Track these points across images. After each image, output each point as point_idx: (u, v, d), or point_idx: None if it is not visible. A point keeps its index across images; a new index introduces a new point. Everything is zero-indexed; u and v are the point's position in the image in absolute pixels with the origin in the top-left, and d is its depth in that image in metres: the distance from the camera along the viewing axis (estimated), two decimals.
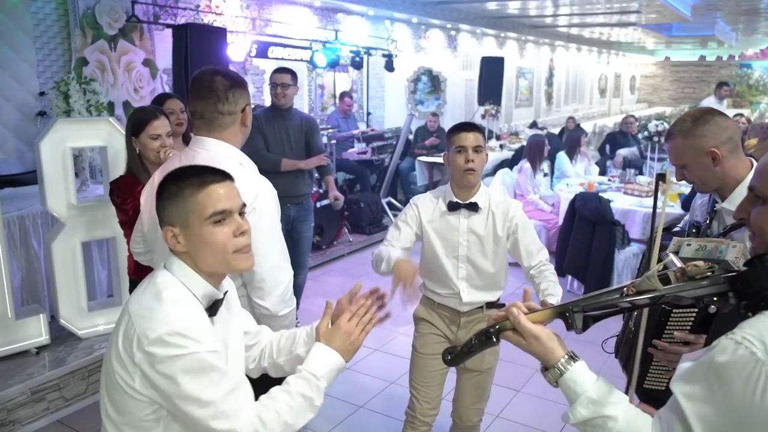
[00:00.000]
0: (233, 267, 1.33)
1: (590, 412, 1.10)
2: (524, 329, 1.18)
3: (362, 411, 3.41)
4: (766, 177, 1.07)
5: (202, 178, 1.30)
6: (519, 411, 3.39)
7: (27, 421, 3.15)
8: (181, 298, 1.27)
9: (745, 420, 0.93)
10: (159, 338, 1.19)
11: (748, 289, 1.03)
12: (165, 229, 1.30)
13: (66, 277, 3.55)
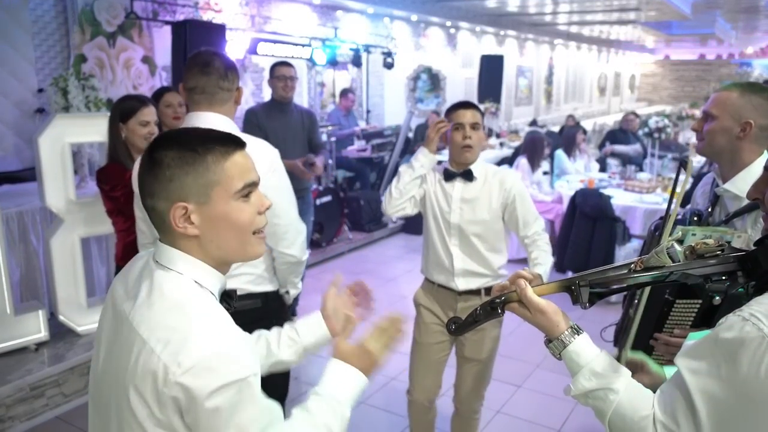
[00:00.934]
0: (248, 252, 1.12)
1: (592, 384, 1.10)
2: (530, 302, 1.17)
3: (362, 407, 3.40)
4: None
5: (226, 145, 1.07)
6: (520, 406, 3.38)
7: (26, 417, 3.13)
8: (207, 306, 1.05)
9: (749, 396, 0.92)
10: (196, 366, 0.96)
11: (758, 268, 1.03)
12: (174, 207, 1.04)
13: (65, 274, 3.54)
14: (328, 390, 1.18)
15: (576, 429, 3.16)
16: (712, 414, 0.95)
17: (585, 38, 15.16)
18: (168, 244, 1.08)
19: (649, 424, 1.02)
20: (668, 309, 1.81)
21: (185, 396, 0.96)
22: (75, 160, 4.05)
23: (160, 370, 0.96)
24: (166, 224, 1.06)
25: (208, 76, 1.97)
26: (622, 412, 1.06)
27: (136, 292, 1.06)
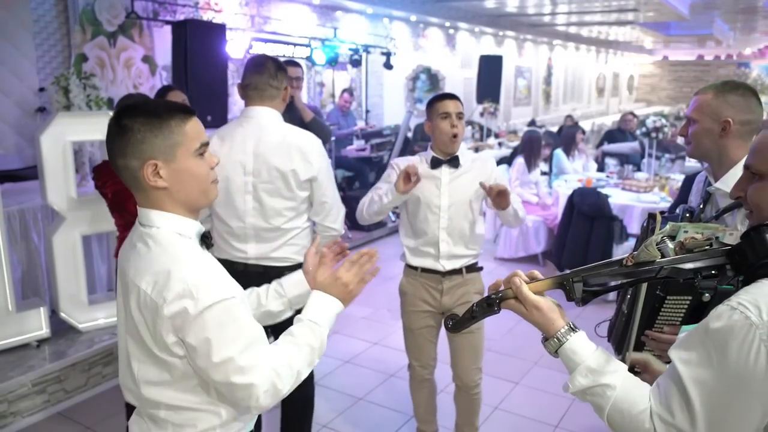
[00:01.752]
0: (209, 197, 1.33)
1: (589, 381, 1.12)
2: (526, 299, 1.19)
3: (362, 403, 3.43)
4: (761, 155, 1.10)
5: (185, 112, 1.28)
6: (518, 403, 3.41)
7: (28, 413, 3.16)
8: (185, 248, 1.25)
9: (739, 381, 0.95)
10: (177, 295, 1.18)
11: (745, 260, 1.05)
12: (146, 164, 1.23)
13: (66, 271, 3.57)
14: (308, 315, 1.35)
15: (573, 425, 3.19)
16: (705, 402, 0.98)
17: (584, 39, 15.20)
18: (144, 206, 1.29)
19: (646, 417, 1.05)
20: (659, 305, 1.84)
21: (174, 323, 1.18)
22: (76, 158, 4.08)
23: (153, 307, 1.19)
24: (138, 181, 1.26)
25: (260, 74, 2.33)
26: (620, 407, 1.08)
27: (129, 251, 1.30)
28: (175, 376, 1.26)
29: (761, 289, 0.98)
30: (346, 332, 4.20)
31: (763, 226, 1.06)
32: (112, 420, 3.12)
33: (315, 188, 2.41)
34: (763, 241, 1.03)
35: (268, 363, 1.25)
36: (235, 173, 2.34)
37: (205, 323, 1.18)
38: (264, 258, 2.43)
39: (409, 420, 3.21)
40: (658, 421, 1.03)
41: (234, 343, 1.21)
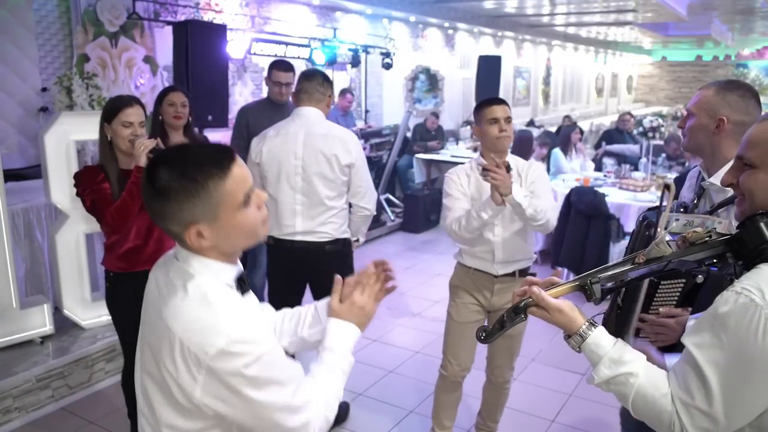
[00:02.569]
0: (260, 237, 1.26)
1: (613, 371, 1.20)
2: (548, 305, 1.28)
3: (361, 398, 3.47)
4: (753, 146, 1.16)
5: (220, 164, 1.16)
6: (515, 398, 3.43)
7: (32, 408, 3.20)
8: (225, 295, 1.19)
9: (749, 358, 1.03)
10: (221, 352, 1.10)
11: (744, 248, 1.13)
12: (188, 230, 1.16)
13: (69, 268, 3.61)
14: (334, 343, 1.35)
15: (569, 420, 3.24)
16: (720, 381, 1.06)
17: (582, 39, 15.24)
18: (186, 248, 1.22)
19: (668, 401, 1.12)
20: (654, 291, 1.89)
21: (216, 377, 1.11)
22: (79, 157, 4.11)
23: (191, 358, 1.11)
24: (182, 242, 1.20)
25: (310, 82, 2.88)
26: (644, 392, 1.15)
27: (166, 288, 1.21)
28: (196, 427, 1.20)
29: (761, 274, 1.06)
30: None
31: (757, 215, 1.13)
32: (115, 415, 3.16)
33: (353, 173, 2.88)
34: (758, 229, 1.11)
35: (316, 397, 1.25)
36: (287, 159, 2.82)
37: (255, 376, 1.13)
38: (309, 233, 2.86)
39: (407, 415, 3.26)
40: (679, 403, 1.11)
41: (285, 389, 1.19)
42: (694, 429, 1.09)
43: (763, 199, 1.14)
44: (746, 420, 1.08)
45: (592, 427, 3.18)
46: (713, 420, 1.08)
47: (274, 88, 3.92)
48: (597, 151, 7.45)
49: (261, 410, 1.16)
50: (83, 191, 2.54)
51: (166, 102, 3.14)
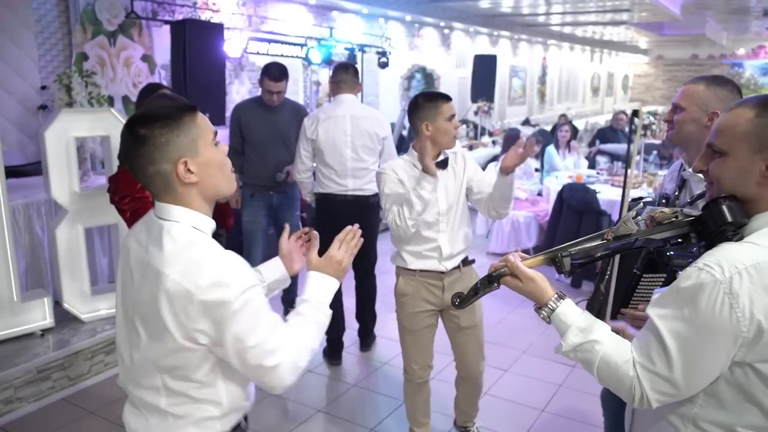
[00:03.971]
0: (231, 185, 1.39)
1: (580, 339, 1.27)
2: (521, 273, 1.35)
3: (355, 389, 3.55)
4: (721, 134, 1.23)
5: (187, 107, 1.34)
6: (506, 389, 3.53)
7: (33, 398, 3.27)
8: (207, 241, 1.32)
9: (707, 329, 1.11)
10: (212, 283, 1.23)
11: (706, 229, 1.21)
12: (178, 163, 1.28)
13: (69, 262, 3.68)
14: (312, 296, 1.46)
15: (558, 410, 3.31)
16: (680, 349, 1.13)
17: (578, 39, 15.32)
18: (166, 201, 1.34)
19: (630, 366, 1.20)
20: (636, 283, 1.97)
21: (203, 312, 1.24)
22: (78, 154, 4.17)
23: (185, 294, 1.24)
24: (170, 182, 1.31)
25: (347, 73, 3.75)
26: (607, 359, 1.23)
27: (151, 242, 1.33)
28: (188, 367, 1.31)
29: (722, 251, 1.14)
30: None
31: (720, 198, 1.20)
32: (115, 405, 3.23)
33: (386, 144, 3.77)
34: (720, 211, 1.18)
35: (289, 343, 1.34)
36: (339, 135, 3.64)
37: (240, 310, 1.25)
38: (358, 189, 3.72)
39: (401, 405, 3.33)
40: (640, 368, 1.18)
41: (263, 327, 1.30)
42: (653, 393, 1.17)
43: (729, 184, 1.21)
44: (702, 385, 1.16)
45: (580, 416, 3.25)
46: (673, 384, 1.15)
47: (267, 96, 3.94)
48: (591, 149, 7.55)
49: (238, 345, 1.27)
50: (121, 199, 2.43)
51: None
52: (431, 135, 2.48)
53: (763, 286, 1.08)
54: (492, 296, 2.72)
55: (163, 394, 1.35)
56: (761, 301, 1.08)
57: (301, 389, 3.52)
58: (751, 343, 1.09)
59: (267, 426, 3.13)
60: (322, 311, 1.45)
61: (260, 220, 4.11)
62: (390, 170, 2.58)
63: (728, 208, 1.18)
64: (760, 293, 1.08)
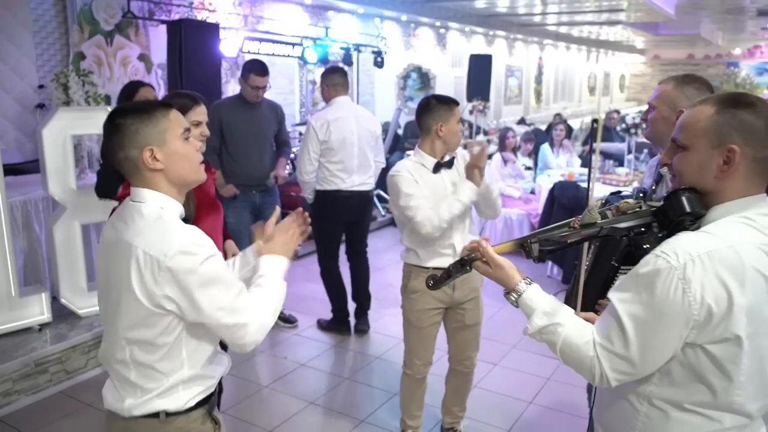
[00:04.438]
0: (199, 177, 1.54)
1: (544, 321, 1.34)
2: (491, 259, 1.43)
3: (347, 382, 3.62)
4: (683, 129, 1.30)
5: (165, 104, 1.50)
6: (496, 382, 3.60)
7: (31, 391, 3.34)
8: (172, 217, 1.45)
9: (662, 312, 1.18)
10: (178, 251, 1.36)
11: (666, 218, 1.28)
12: (144, 150, 1.43)
13: (66, 258, 3.74)
14: (267, 270, 1.59)
15: (545, 402, 3.38)
16: (637, 330, 1.21)
17: (574, 39, 15.40)
18: (138, 186, 1.48)
19: (590, 347, 1.27)
20: (613, 274, 2.04)
21: (173, 274, 1.37)
22: (75, 152, 4.23)
23: (153, 263, 1.37)
24: (138, 168, 1.46)
25: (342, 77, 4.04)
26: (570, 341, 1.30)
27: (123, 221, 1.47)
28: (155, 336, 1.42)
29: (678, 240, 1.21)
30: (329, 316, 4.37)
31: (680, 190, 1.27)
32: None
33: (379, 141, 4.18)
34: (679, 202, 1.25)
35: (254, 305, 1.48)
36: (347, 134, 3.94)
37: (206, 274, 1.38)
38: (362, 184, 4.06)
39: (391, 398, 3.40)
40: (600, 349, 1.26)
41: (229, 290, 1.43)
42: (612, 372, 1.24)
43: (690, 177, 1.27)
44: (657, 364, 1.23)
45: (567, 407, 3.32)
46: (630, 363, 1.22)
47: (252, 92, 3.96)
48: (584, 148, 7.62)
49: (206, 306, 1.40)
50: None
51: (138, 97, 3.12)
52: (443, 136, 2.60)
53: (714, 273, 1.14)
54: (483, 293, 2.81)
55: (131, 367, 1.46)
56: (711, 287, 1.14)
57: (294, 382, 3.59)
58: (701, 325, 1.16)
59: (260, 417, 3.20)
60: (277, 284, 1.58)
61: (244, 220, 4.08)
62: (405, 171, 2.63)
63: (687, 200, 1.24)
64: (710, 279, 1.14)
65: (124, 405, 1.48)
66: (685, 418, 1.24)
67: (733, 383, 1.19)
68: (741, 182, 1.22)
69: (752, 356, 1.18)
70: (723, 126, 1.21)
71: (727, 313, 1.14)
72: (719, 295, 1.14)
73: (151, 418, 1.48)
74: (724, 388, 1.19)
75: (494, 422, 3.18)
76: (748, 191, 1.23)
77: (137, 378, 1.47)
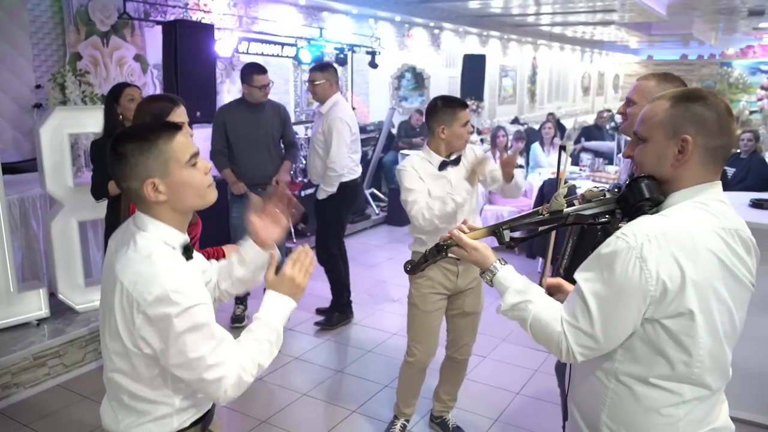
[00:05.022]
0: (207, 201, 1.47)
1: (516, 299, 1.44)
2: (465, 244, 1.54)
3: (340, 374, 3.70)
4: (642, 123, 1.39)
5: (169, 130, 1.41)
6: (485, 374, 3.68)
7: (30, 384, 3.41)
8: (169, 255, 1.38)
9: (621, 289, 1.27)
10: (157, 299, 1.30)
11: (627, 204, 1.37)
12: (145, 184, 1.37)
13: (64, 255, 3.81)
14: (265, 313, 1.50)
15: (532, 392, 3.47)
16: (599, 307, 1.30)
17: (568, 39, 15.50)
18: (144, 212, 1.43)
19: (557, 323, 1.36)
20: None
21: (147, 324, 1.33)
22: (72, 150, 4.31)
23: (133, 304, 1.33)
24: (142, 198, 1.41)
25: (336, 73, 4.15)
26: (539, 317, 1.40)
27: (120, 246, 1.43)
28: (137, 370, 1.40)
29: (637, 223, 1.30)
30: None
31: (640, 177, 1.36)
32: None
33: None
34: (639, 188, 1.35)
35: (234, 359, 1.40)
36: (357, 127, 4.31)
37: (183, 326, 1.32)
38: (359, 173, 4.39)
39: (382, 389, 3.49)
40: (566, 325, 1.35)
41: (205, 344, 1.36)
42: (577, 347, 1.33)
43: (649, 167, 1.37)
44: (619, 339, 1.32)
45: (553, 397, 3.40)
46: (593, 339, 1.31)
47: (259, 92, 4.05)
48: (575, 147, 7.72)
49: (181, 357, 1.34)
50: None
51: (125, 98, 3.20)
52: (446, 138, 2.70)
53: (669, 252, 1.24)
54: None
55: (124, 391, 1.44)
56: (666, 264, 1.23)
57: (288, 374, 3.67)
58: (658, 301, 1.25)
59: (253, 409, 3.28)
60: (272, 328, 1.48)
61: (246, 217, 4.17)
62: (410, 167, 2.75)
63: (646, 186, 1.34)
64: (665, 257, 1.23)
65: (120, 427, 1.48)
66: (649, 393, 1.32)
67: (692, 357, 1.28)
68: (696, 170, 1.32)
69: (708, 330, 1.27)
70: (677, 118, 1.31)
71: (680, 289, 1.23)
72: (673, 272, 1.23)
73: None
74: (682, 361, 1.28)
75: (482, 412, 3.26)
76: (703, 178, 1.32)
77: (129, 401, 1.45)
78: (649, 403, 1.33)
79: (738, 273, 1.30)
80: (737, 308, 1.31)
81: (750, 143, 6.19)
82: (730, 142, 1.33)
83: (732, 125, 1.33)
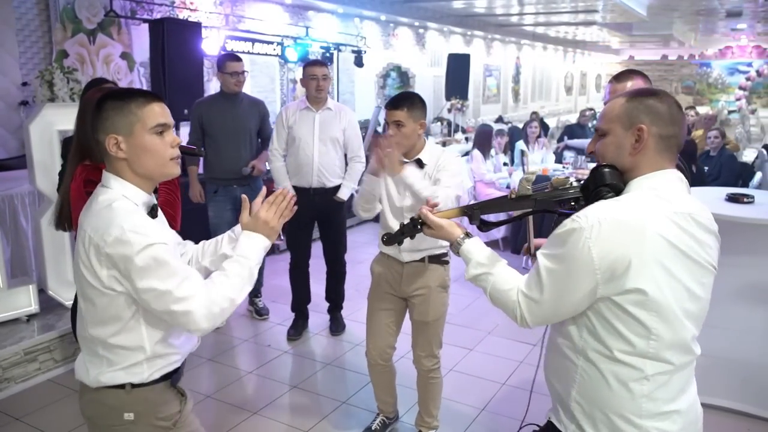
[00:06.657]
0: (166, 172, 1.57)
1: (478, 270, 1.59)
2: (432, 222, 1.71)
3: (329, 367, 3.76)
4: (602, 118, 1.52)
5: (146, 97, 1.53)
6: (471, 366, 3.77)
7: (21, 379, 3.43)
8: (130, 206, 1.51)
9: (570, 263, 1.38)
10: (115, 239, 1.42)
11: (588, 191, 1.47)
12: (108, 137, 1.50)
13: (53, 251, 3.83)
14: (239, 252, 1.61)
15: (517, 383, 3.56)
16: (550, 279, 1.42)
17: (551, 39, 15.68)
18: (108, 171, 1.56)
19: (513, 292, 1.50)
20: None
21: (113, 261, 1.45)
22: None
23: (97, 248, 1.45)
24: (105, 151, 1.54)
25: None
26: (497, 287, 1.54)
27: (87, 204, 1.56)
28: (113, 313, 1.50)
29: (592, 207, 1.41)
30: (316, 309, 4.51)
31: (601, 165, 1.48)
32: None
33: None
34: (600, 174, 1.46)
35: (202, 293, 1.50)
36: None
37: (143, 264, 1.43)
38: None
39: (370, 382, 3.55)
40: (521, 294, 1.48)
41: (172, 278, 1.46)
42: (528, 314, 1.47)
43: (610, 158, 1.48)
44: (567, 312, 1.43)
45: (538, 387, 3.49)
46: (542, 307, 1.44)
47: (231, 79, 4.01)
48: (558, 145, 7.86)
49: (148, 292, 1.45)
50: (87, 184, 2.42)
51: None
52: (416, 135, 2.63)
53: (617, 235, 1.34)
54: (461, 283, 2.95)
55: (98, 343, 1.54)
56: (613, 247, 1.34)
57: (276, 368, 3.73)
58: (607, 279, 1.35)
59: (245, 401, 3.33)
60: (244, 265, 1.57)
61: (225, 215, 4.15)
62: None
63: (606, 173, 1.45)
64: (613, 240, 1.34)
65: (90, 377, 1.57)
66: (613, 368, 1.41)
67: (649, 331, 1.37)
68: (652, 158, 1.43)
69: (661, 306, 1.36)
70: (633, 110, 1.43)
71: (626, 269, 1.33)
72: (619, 254, 1.33)
73: (117, 389, 1.57)
74: (639, 334, 1.38)
75: (468, 402, 3.35)
76: (660, 166, 1.44)
77: (103, 352, 1.54)
78: (614, 380, 1.41)
79: (692, 254, 1.39)
80: (697, 287, 1.41)
81: (717, 140, 6.49)
82: (681, 133, 1.45)
83: (682, 118, 1.45)
